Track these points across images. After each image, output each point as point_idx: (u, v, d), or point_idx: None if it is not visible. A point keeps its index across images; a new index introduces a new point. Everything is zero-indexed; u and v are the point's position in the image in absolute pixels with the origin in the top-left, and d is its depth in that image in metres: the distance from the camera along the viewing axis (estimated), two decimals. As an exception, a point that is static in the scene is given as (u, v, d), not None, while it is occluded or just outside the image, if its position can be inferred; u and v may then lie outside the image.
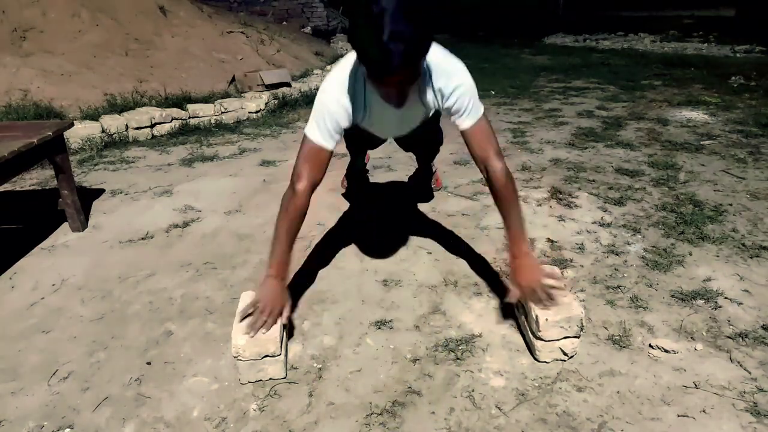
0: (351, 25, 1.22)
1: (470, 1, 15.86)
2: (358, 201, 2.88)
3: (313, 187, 1.57)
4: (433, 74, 1.48)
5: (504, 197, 1.58)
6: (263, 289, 1.59)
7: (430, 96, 1.54)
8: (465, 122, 1.52)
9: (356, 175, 2.87)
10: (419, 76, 1.33)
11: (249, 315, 1.53)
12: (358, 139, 1.84)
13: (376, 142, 2.22)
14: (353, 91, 1.48)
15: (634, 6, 15.29)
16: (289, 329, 1.64)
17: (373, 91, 1.41)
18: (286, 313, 1.58)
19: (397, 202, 2.90)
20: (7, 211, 2.94)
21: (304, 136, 1.52)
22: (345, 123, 1.52)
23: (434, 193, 2.92)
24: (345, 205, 2.84)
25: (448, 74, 1.48)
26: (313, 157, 1.51)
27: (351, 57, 1.48)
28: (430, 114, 1.76)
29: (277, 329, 1.54)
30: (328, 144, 1.49)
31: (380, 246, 2.33)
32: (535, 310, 1.58)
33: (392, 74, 1.20)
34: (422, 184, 2.84)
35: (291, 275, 2.13)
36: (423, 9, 1.17)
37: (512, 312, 1.83)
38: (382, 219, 2.67)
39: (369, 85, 1.43)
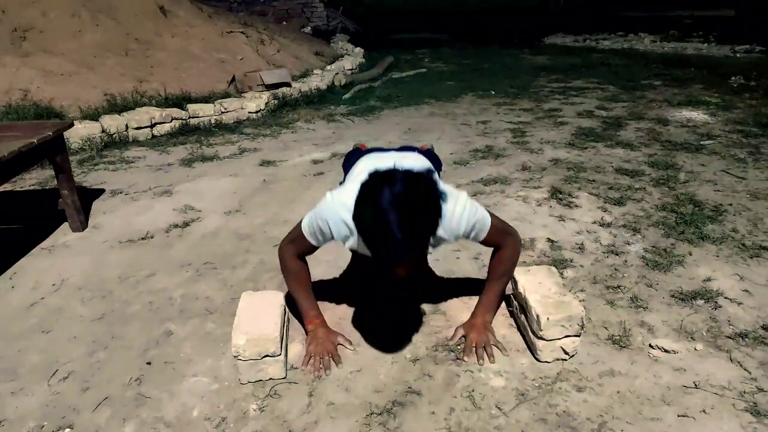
0: (360, 224, 1.28)
1: (471, 1, 15.89)
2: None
3: (302, 256, 1.68)
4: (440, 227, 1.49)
5: (495, 270, 1.71)
6: (312, 339, 1.69)
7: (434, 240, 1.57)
8: (479, 238, 1.61)
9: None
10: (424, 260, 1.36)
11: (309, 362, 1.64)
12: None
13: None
14: (348, 228, 1.50)
15: (634, 6, 15.28)
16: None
17: None
18: (336, 344, 1.70)
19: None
20: (7, 211, 2.94)
21: (300, 223, 1.62)
22: (330, 242, 1.62)
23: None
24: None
25: (449, 228, 1.51)
26: (301, 244, 1.62)
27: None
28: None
29: (277, 329, 1.54)
30: (313, 242, 1.61)
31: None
32: (536, 310, 1.59)
33: (400, 264, 1.30)
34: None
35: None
36: (425, 211, 1.26)
37: (512, 312, 1.83)
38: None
39: None
